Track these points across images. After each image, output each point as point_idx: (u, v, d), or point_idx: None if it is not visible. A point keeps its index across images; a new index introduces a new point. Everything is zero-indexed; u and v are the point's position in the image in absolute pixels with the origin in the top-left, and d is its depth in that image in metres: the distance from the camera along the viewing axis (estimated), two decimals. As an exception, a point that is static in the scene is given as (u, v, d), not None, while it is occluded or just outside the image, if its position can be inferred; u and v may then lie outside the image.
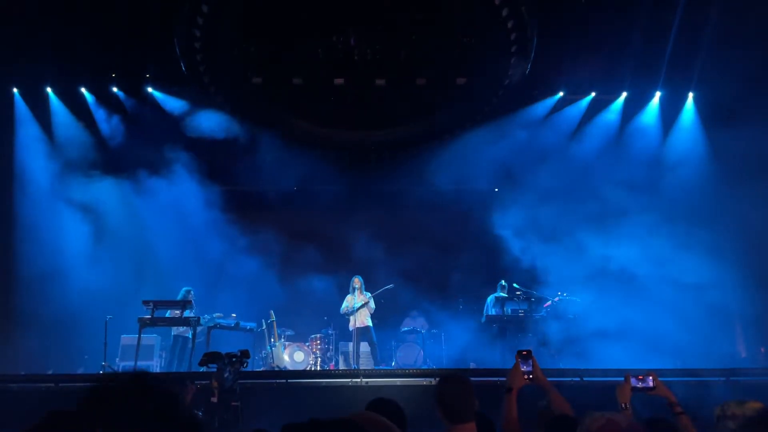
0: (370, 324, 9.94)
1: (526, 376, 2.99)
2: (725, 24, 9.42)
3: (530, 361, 3.01)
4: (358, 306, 9.86)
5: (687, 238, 9.45)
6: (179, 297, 9.46)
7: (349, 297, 10.12)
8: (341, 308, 10.11)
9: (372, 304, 9.96)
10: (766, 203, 9.92)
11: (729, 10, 9.29)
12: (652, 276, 9.73)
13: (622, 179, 10.89)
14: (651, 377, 3.11)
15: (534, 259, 10.26)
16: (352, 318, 9.92)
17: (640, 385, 3.10)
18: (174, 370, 8.82)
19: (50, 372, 8.48)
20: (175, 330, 9.33)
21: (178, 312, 8.91)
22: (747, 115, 9.97)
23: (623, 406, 3.07)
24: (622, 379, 3.12)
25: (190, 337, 8.98)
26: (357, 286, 10.08)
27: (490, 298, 10.25)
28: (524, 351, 3.05)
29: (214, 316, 9.28)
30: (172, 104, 11.20)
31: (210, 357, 4.40)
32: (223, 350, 4.58)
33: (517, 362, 3.03)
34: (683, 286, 9.46)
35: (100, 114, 11.12)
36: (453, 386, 2.79)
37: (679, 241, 9.50)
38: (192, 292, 9.59)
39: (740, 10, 9.32)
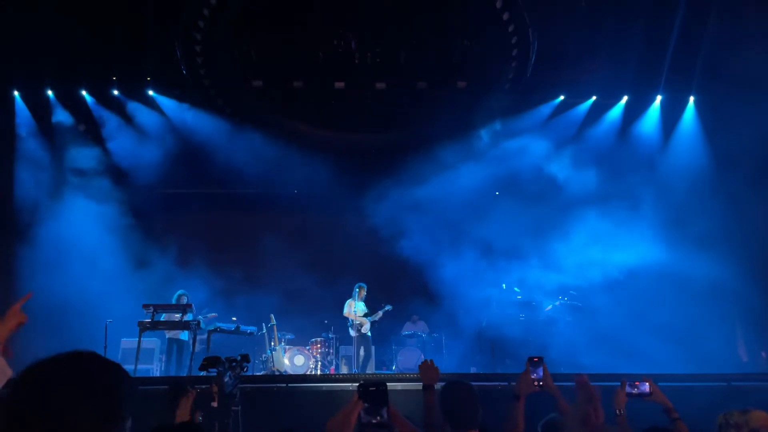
0: (369, 333, 9.97)
1: (536, 383, 2.88)
2: (726, 28, 9.42)
3: (541, 368, 2.90)
4: (361, 317, 9.88)
5: (687, 242, 9.43)
6: (173, 301, 9.43)
7: (350, 302, 10.07)
8: (344, 311, 10.06)
9: (377, 317, 9.98)
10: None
11: (729, 13, 9.29)
12: (653, 280, 9.71)
13: (623, 182, 10.88)
14: (647, 383, 3.08)
15: (533, 262, 10.24)
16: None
17: (635, 390, 3.07)
18: (172, 374, 8.77)
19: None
20: (168, 333, 9.27)
21: (177, 316, 8.86)
22: (748, 118, 9.96)
23: (618, 412, 3.04)
24: None
25: (184, 339, 8.92)
26: (363, 294, 10.05)
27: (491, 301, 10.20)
28: (535, 358, 2.92)
29: (208, 316, 9.19)
30: (173, 107, 11.20)
31: (210, 361, 4.36)
32: (224, 354, 4.54)
33: (527, 369, 2.90)
34: (684, 289, 9.45)
35: (100, 116, 11.11)
36: (457, 393, 2.76)
37: (679, 244, 9.48)
38: (186, 296, 9.54)
39: (740, 13, 9.33)
